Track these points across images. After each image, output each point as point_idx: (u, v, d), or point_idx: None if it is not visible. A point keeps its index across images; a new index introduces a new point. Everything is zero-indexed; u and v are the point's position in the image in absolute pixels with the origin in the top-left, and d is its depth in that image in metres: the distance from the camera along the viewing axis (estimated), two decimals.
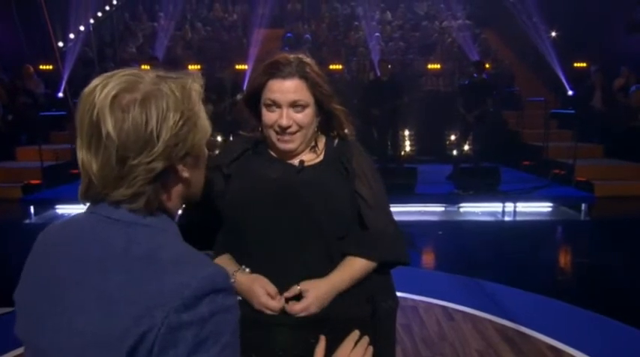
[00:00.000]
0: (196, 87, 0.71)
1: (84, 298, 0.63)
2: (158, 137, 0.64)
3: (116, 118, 0.63)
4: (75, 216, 0.73)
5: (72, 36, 8.49)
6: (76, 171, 6.77)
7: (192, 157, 0.71)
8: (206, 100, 0.76)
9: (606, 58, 7.80)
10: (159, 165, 0.65)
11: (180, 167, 0.69)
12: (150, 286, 0.61)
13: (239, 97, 5.48)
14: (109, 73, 0.67)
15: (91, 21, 8.44)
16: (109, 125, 0.63)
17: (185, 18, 10.96)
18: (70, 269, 0.66)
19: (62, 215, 5.68)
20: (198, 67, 8.79)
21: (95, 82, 0.66)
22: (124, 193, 0.65)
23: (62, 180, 6.42)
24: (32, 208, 5.63)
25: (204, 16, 11.58)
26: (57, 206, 5.79)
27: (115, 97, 0.64)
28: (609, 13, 8.13)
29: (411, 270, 3.43)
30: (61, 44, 8.15)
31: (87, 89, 0.66)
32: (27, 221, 5.49)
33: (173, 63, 8.98)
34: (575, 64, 8.43)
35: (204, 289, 0.61)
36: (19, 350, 2.47)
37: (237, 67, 7.95)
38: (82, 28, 8.45)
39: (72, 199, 5.71)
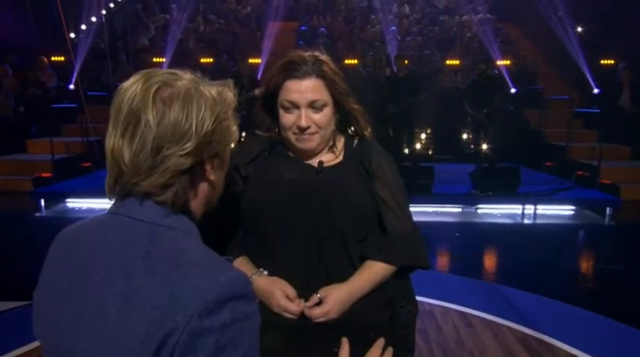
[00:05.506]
0: (230, 95, 0.75)
1: (106, 301, 0.63)
2: (194, 133, 0.67)
3: (157, 109, 0.66)
4: (94, 217, 0.73)
5: (84, 27, 8.43)
6: (87, 164, 6.78)
7: (220, 159, 0.74)
8: None
9: (635, 55, 7.53)
10: (189, 160, 0.68)
11: (208, 166, 0.72)
12: (172, 289, 0.61)
13: (257, 91, 5.39)
14: (146, 71, 0.70)
15: (103, 12, 8.36)
16: (149, 115, 0.65)
17: (198, 10, 10.85)
18: (91, 271, 0.66)
19: (72, 208, 5.68)
20: (211, 60, 8.68)
21: (135, 77, 0.69)
22: (155, 183, 0.66)
23: (73, 173, 6.46)
24: (42, 201, 5.64)
25: (218, 8, 11.47)
26: (67, 199, 5.80)
27: (157, 89, 0.67)
28: (638, 8, 7.80)
29: (427, 273, 3.26)
30: (72, 35, 8.09)
31: (126, 83, 0.69)
32: (37, 214, 5.49)
33: (185, 56, 8.88)
34: (602, 61, 8.21)
35: (226, 294, 0.61)
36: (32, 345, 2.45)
37: (250, 60, 7.83)
38: (93, 19, 8.39)
39: (82, 192, 5.73)
